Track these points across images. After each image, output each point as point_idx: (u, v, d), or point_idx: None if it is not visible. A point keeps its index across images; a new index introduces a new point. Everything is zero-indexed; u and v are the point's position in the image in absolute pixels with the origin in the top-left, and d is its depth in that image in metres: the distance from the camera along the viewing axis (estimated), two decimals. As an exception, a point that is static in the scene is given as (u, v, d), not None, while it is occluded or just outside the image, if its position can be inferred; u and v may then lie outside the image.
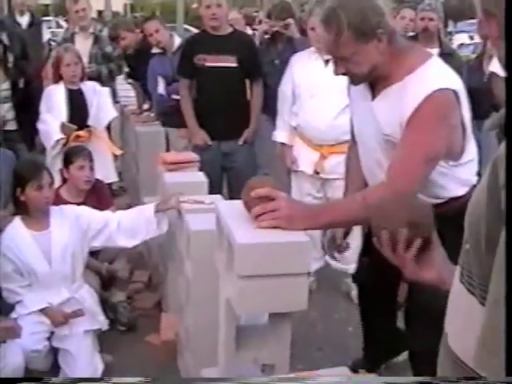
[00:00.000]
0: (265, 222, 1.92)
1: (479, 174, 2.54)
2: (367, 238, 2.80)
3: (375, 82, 2.20)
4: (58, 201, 3.54)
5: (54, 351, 3.09)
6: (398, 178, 2.02)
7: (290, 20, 4.73)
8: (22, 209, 3.07)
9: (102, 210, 3.72)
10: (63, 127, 4.35)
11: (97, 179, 3.81)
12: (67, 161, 3.69)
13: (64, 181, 3.73)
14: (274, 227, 1.91)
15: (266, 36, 4.92)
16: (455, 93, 2.04)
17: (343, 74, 2.18)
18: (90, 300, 3.20)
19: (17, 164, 3.08)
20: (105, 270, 3.55)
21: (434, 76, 2.06)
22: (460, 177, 2.25)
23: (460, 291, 1.10)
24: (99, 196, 3.76)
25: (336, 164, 3.71)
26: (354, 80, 2.21)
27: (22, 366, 2.89)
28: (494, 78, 4.79)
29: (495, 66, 4.88)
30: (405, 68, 2.10)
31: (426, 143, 2.02)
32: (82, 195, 3.68)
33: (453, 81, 2.09)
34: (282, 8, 4.93)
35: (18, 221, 3.06)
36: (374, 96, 2.22)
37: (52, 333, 3.06)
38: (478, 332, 0.95)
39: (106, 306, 3.56)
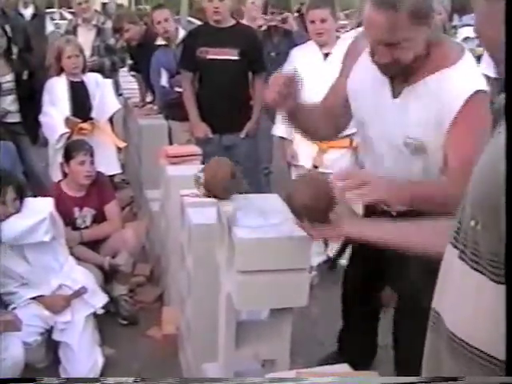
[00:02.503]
0: (365, 198, 1.86)
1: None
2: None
3: (397, 77, 2.06)
4: (60, 194, 3.53)
5: (55, 346, 3.10)
6: (461, 178, 1.93)
7: (288, 14, 4.72)
8: None
9: (103, 203, 3.72)
10: (68, 121, 4.34)
11: (98, 172, 3.80)
12: (68, 155, 3.69)
13: (65, 175, 3.72)
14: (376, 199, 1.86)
15: (262, 29, 4.91)
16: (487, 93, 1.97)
17: (383, 64, 2.00)
18: (84, 281, 3.20)
19: None
20: (107, 263, 3.54)
21: (474, 73, 1.97)
22: None
23: (461, 269, 1.07)
24: (101, 189, 3.75)
25: (335, 158, 3.70)
26: (392, 69, 2.01)
27: (22, 358, 2.89)
28: (489, 80, 4.76)
29: (485, 68, 4.85)
30: (440, 60, 1.98)
31: (480, 139, 1.94)
32: (83, 189, 3.67)
33: (484, 80, 2.01)
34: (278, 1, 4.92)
35: None
36: (394, 93, 2.08)
37: (52, 327, 3.06)
38: (490, 310, 0.93)
39: (108, 301, 3.57)
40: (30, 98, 4.66)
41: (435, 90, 1.97)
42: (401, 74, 2.05)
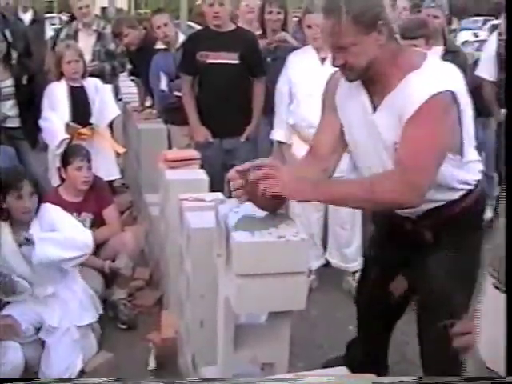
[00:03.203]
0: (267, 185, 1.89)
1: (485, 174, 2.53)
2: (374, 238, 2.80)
3: (374, 90, 2.15)
4: (57, 200, 3.54)
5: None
6: (411, 172, 1.98)
7: (284, 33, 4.73)
8: (4, 215, 3.06)
9: (102, 207, 3.72)
10: (68, 127, 4.36)
11: (96, 177, 3.81)
12: (65, 161, 3.70)
13: (62, 180, 3.73)
14: (274, 194, 1.89)
15: (258, 33, 4.92)
16: (453, 94, 2.02)
17: (341, 67, 2.12)
18: (80, 295, 3.22)
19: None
20: (107, 267, 3.55)
21: (437, 74, 2.05)
22: (459, 178, 2.24)
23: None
24: (99, 194, 3.76)
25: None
26: (350, 75, 2.14)
27: (22, 362, 2.90)
28: (484, 83, 4.78)
29: (482, 71, 4.87)
30: (406, 66, 2.07)
31: (435, 136, 2.00)
32: (81, 194, 3.68)
33: (450, 81, 2.06)
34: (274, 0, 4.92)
35: (5, 227, 3.06)
36: (374, 107, 2.16)
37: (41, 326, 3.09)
38: None
39: (107, 303, 3.57)
40: (30, 102, 4.67)
41: (403, 95, 2.05)
42: (367, 91, 2.16)
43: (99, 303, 3.40)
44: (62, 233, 3.08)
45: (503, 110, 4.61)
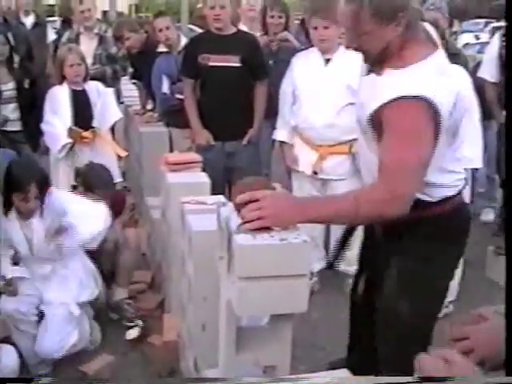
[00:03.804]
0: (249, 224, 1.89)
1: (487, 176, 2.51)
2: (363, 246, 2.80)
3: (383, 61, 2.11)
4: None
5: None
6: (393, 182, 1.96)
7: (285, 33, 4.75)
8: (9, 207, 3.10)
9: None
10: (71, 132, 4.36)
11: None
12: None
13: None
14: (261, 228, 1.88)
15: (259, 34, 4.94)
16: (427, 102, 1.94)
17: (354, 49, 2.11)
18: (80, 274, 3.27)
19: (7, 169, 3.08)
20: None
21: (410, 80, 1.98)
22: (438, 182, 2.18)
23: None
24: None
25: (335, 165, 3.71)
26: (365, 58, 2.14)
27: (17, 369, 2.91)
28: (486, 84, 4.79)
29: (484, 72, 4.87)
30: (403, 59, 2.04)
31: (415, 144, 1.96)
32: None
33: (429, 86, 1.98)
34: (275, 2, 4.95)
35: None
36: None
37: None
38: None
39: (108, 307, 3.58)
40: (31, 106, 4.69)
41: (380, 85, 2.04)
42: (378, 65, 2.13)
43: (100, 280, 3.43)
44: (80, 212, 3.17)
45: (504, 112, 4.61)
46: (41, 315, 3.16)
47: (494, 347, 1.37)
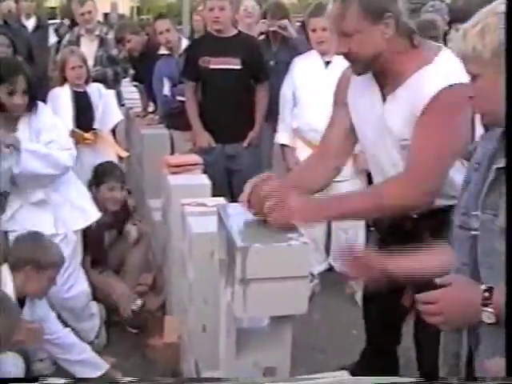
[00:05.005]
0: (277, 216, 1.90)
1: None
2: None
3: (385, 84, 2.13)
4: None
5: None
6: (420, 174, 1.97)
7: (286, 21, 4.75)
8: None
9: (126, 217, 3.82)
10: (73, 133, 4.37)
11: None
12: (98, 179, 3.74)
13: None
14: (287, 222, 1.89)
15: (261, 37, 4.94)
16: (467, 86, 2.00)
17: (345, 56, 2.10)
18: (76, 197, 3.23)
19: None
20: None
21: (449, 68, 2.00)
22: None
23: None
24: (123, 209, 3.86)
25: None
26: (356, 66, 2.12)
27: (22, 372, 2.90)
28: None
29: None
30: (418, 60, 2.04)
31: (446, 136, 1.97)
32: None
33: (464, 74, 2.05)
34: (276, 7, 4.96)
35: None
36: (384, 100, 2.14)
37: None
38: None
39: (111, 311, 3.58)
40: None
41: (414, 89, 2.03)
42: (378, 84, 2.14)
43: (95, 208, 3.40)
44: (44, 146, 3.01)
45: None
46: None
47: (459, 307, 1.46)
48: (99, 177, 3.75)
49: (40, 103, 3.11)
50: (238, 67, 4.16)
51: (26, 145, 2.91)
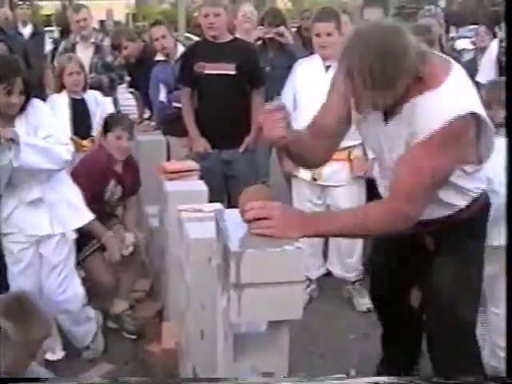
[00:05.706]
0: (258, 230, 1.90)
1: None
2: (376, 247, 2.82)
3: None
4: (106, 157, 3.62)
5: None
6: (403, 201, 2.01)
7: (283, 28, 4.78)
8: None
9: (132, 191, 3.78)
10: (71, 141, 4.36)
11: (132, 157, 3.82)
12: (106, 128, 3.71)
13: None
14: (267, 236, 1.89)
15: (258, 43, 4.96)
16: (473, 114, 2.01)
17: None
18: (71, 196, 3.21)
19: None
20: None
21: (453, 99, 2.00)
22: (466, 187, 2.25)
23: None
24: (134, 175, 3.80)
25: (334, 171, 3.71)
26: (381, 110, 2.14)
27: None
28: (483, 89, 4.82)
29: (481, 77, 4.90)
30: (424, 83, 2.01)
31: (435, 166, 1.99)
32: (120, 164, 3.68)
33: (472, 100, 2.05)
34: (273, 14, 4.98)
35: None
36: (386, 118, 2.16)
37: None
38: None
39: (108, 318, 3.58)
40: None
41: (416, 114, 2.03)
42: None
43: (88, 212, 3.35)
44: (43, 140, 2.99)
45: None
46: None
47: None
48: (107, 126, 3.73)
49: (37, 101, 3.12)
50: (233, 73, 4.17)
51: (25, 139, 2.92)
